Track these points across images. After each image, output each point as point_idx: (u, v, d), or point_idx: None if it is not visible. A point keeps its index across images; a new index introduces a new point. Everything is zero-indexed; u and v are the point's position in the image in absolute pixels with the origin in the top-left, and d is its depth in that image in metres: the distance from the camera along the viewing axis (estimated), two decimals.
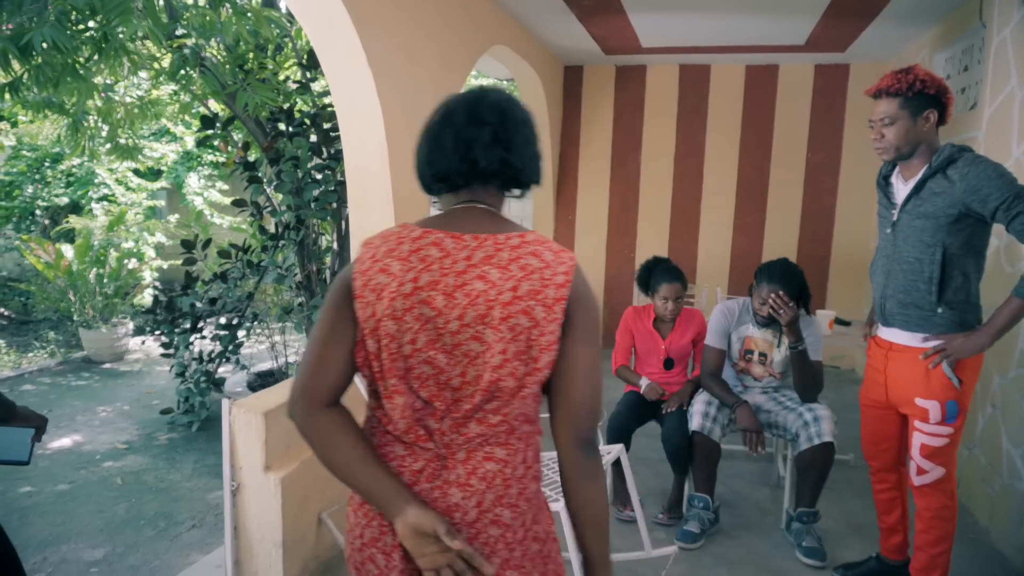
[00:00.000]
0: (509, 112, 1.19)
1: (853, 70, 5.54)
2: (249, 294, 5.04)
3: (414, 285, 1.11)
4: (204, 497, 3.69)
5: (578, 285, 1.13)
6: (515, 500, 1.15)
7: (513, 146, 1.18)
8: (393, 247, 1.15)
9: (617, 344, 3.36)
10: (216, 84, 4.21)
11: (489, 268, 1.11)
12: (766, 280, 2.88)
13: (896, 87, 2.07)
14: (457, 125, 1.19)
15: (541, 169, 1.25)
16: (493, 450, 1.15)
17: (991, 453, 3.05)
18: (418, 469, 1.15)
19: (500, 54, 4.66)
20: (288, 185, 4.38)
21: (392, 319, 1.11)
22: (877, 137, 2.15)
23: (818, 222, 5.79)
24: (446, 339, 1.11)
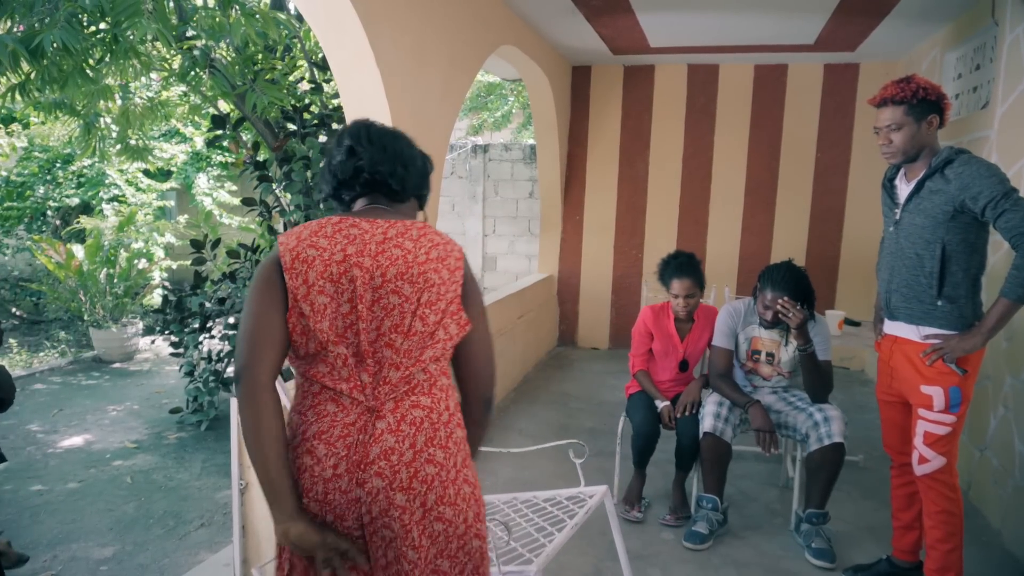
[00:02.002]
0: (365, 131, 1.47)
1: (863, 70, 5.51)
2: None
3: (344, 254, 1.33)
4: (213, 496, 3.70)
5: (468, 266, 1.44)
6: (444, 442, 1.36)
7: (365, 156, 1.43)
8: (316, 230, 1.36)
9: (634, 346, 3.30)
10: (226, 85, 4.23)
11: (403, 240, 1.37)
12: (769, 286, 2.86)
13: (901, 95, 2.19)
14: (328, 154, 1.50)
15: (411, 175, 1.50)
16: (419, 399, 1.35)
17: (1003, 455, 3.03)
18: (350, 422, 1.32)
19: (508, 54, 4.66)
20: (298, 185, 4.39)
21: (329, 281, 1.32)
22: (885, 142, 2.27)
23: (827, 222, 5.76)
24: (369, 295, 1.33)
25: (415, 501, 1.30)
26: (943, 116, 2.22)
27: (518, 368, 5.26)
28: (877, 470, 3.67)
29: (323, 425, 1.32)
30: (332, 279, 1.32)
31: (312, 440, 1.32)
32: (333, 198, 1.50)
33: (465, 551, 1.38)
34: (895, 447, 2.55)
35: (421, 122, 3.29)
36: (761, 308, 2.93)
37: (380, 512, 1.30)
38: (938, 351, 2.21)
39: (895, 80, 2.22)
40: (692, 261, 3.17)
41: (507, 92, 10.77)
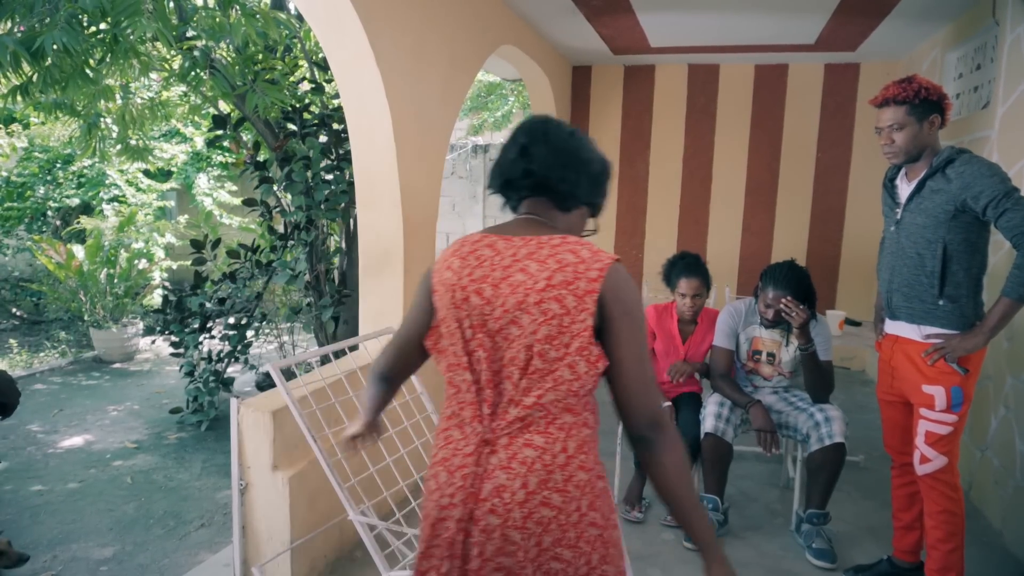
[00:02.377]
0: (541, 132, 1.38)
1: (863, 69, 5.51)
2: (258, 294, 5.06)
3: (469, 279, 1.30)
4: (213, 496, 3.70)
5: (613, 283, 1.24)
6: (562, 485, 1.25)
7: (536, 158, 1.35)
8: (457, 248, 1.35)
9: None
10: (226, 85, 4.23)
11: (529, 262, 1.27)
12: (771, 284, 2.87)
13: (903, 95, 2.19)
14: (502, 149, 1.42)
15: (582, 183, 1.38)
16: (532, 437, 1.26)
17: (1004, 455, 3.02)
18: (469, 452, 1.29)
19: (508, 54, 4.65)
20: (299, 186, 4.38)
21: (453, 307, 1.31)
22: (887, 142, 2.27)
23: (828, 222, 5.75)
24: (491, 324, 1.28)
25: (530, 540, 1.24)
26: (944, 116, 2.22)
27: None
28: (877, 470, 3.67)
29: (447, 452, 1.32)
30: (455, 304, 1.31)
31: (437, 466, 1.33)
32: (500, 194, 1.44)
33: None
34: (896, 447, 2.55)
35: (421, 122, 3.28)
36: (763, 307, 2.93)
37: (495, 551, 1.25)
38: (939, 351, 2.21)
39: (896, 80, 2.23)
40: (699, 261, 3.18)
41: (507, 92, 10.76)
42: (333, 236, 5.18)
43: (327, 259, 4.80)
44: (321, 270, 4.70)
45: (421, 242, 3.37)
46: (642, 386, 1.26)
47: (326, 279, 4.74)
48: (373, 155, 3.09)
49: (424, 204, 3.39)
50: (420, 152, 3.29)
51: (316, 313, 4.63)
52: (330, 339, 4.66)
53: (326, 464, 1.99)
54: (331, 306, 4.46)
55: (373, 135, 3.05)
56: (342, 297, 4.59)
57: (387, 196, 3.13)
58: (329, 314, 4.44)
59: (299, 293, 5.44)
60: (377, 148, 3.07)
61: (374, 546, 1.94)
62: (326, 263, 4.79)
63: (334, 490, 2.54)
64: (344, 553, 2.76)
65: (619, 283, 1.25)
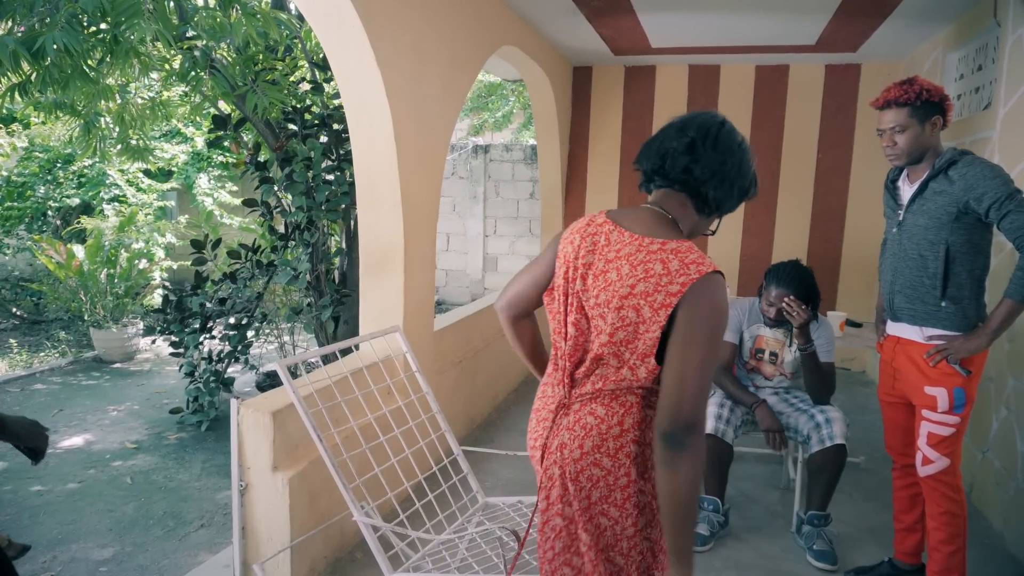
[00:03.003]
0: (713, 134, 1.40)
1: (864, 70, 5.50)
2: (258, 294, 5.06)
3: (581, 262, 1.40)
4: (213, 497, 3.70)
5: (692, 298, 1.27)
6: (613, 452, 1.37)
7: (702, 160, 1.39)
8: (584, 225, 1.45)
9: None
10: (226, 86, 4.22)
11: (623, 263, 1.35)
12: (775, 283, 2.87)
13: (905, 97, 2.19)
14: (667, 132, 1.44)
15: (733, 195, 1.43)
16: (596, 408, 1.39)
17: (1005, 457, 3.02)
18: (551, 409, 1.47)
19: (509, 54, 4.65)
20: (300, 186, 4.38)
21: (564, 281, 1.43)
22: (889, 144, 2.26)
23: (829, 223, 5.75)
24: (587, 310, 1.40)
25: (581, 492, 1.38)
26: (946, 117, 2.22)
27: (519, 368, 5.25)
28: (878, 471, 3.66)
29: (539, 404, 1.53)
30: (567, 279, 1.43)
31: (532, 412, 1.56)
32: (645, 176, 1.48)
33: (639, 551, 1.40)
34: (897, 449, 2.54)
35: (422, 122, 3.28)
36: (765, 305, 2.93)
37: (557, 498, 1.41)
38: (942, 352, 2.21)
39: (897, 82, 2.22)
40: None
41: (508, 92, 10.77)
42: (334, 236, 5.18)
43: (328, 259, 4.80)
44: (322, 270, 4.70)
45: (421, 242, 3.37)
46: (689, 392, 1.26)
47: (326, 279, 4.74)
48: (373, 155, 3.09)
49: (424, 204, 3.39)
50: (420, 152, 3.29)
51: (316, 313, 4.63)
52: (330, 339, 4.66)
53: (331, 464, 1.99)
54: (331, 306, 4.46)
55: (373, 135, 3.05)
56: (342, 297, 4.59)
57: (387, 196, 3.12)
58: (329, 314, 4.44)
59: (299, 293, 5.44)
60: (377, 148, 3.06)
61: (378, 548, 1.94)
62: (327, 263, 4.79)
63: (335, 491, 2.55)
64: (344, 554, 2.75)
65: (697, 298, 1.27)
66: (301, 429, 2.49)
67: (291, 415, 2.45)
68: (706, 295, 1.27)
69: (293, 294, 6.06)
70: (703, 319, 1.27)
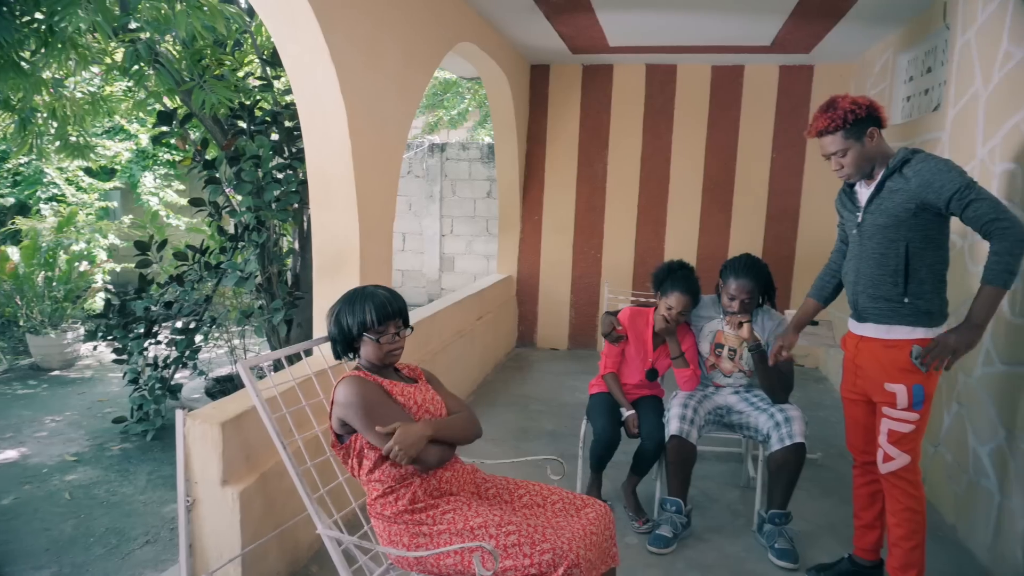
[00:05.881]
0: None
1: (817, 71, 5.60)
2: (207, 297, 4.88)
3: None
4: (159, 511, 3.53)
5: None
6: None
7: None
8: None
9: (607, 346, 3.19)
10: (171, 81, 4.05)
11: None
12: (733, 275, 2.90)
13: (834, 124, 2.22)
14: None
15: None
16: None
17: (957, 451, 3.08)
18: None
19: (466, 52, 4.58)
20: (248, 185, 4.23)
21: None
22: (837, 168, 2.31)
23: (783, 222, 5.83)
24: None
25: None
26: (882, 123, 2.24)
27: (477, 370, 5.18)
28: (835, 467, 3.71)
29: None
30: None
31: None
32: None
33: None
34: (858, 446, 2.55)
35: (378, 119, 3.19)
36: (726, 300, 2.93)
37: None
38: (935, 353, 2.15)
39: (821, 110, 2.26)
40: (694, 276, 3.06)
41: (463, 90, 10.69)
42: (286, 237, 5.03)
43: (279, 260, 4.66)
44: (273, 272, 4.55)
45: (377, 242, 3.27)
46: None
47: (278, 281, 4.60)
48: (327, 153, 2.98)
49: (380, 203, 3.30)
50: (376, 150, 3.19)
51: (268, 316, 4.48)
52: (283, 343, 4.52)
53: (295, 473, 1.89)
54: (283, 309, 4.32)
55: (327, 132, 2.94)
56: (295, 299, 4.45)
57: (342, 195, 3.02)
58: (281, 317, 4.30)
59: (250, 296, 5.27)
60: (332, 146, 2.96)
61: (341, 562, 1.85)
62: (278, 265, 4.64)
63: (289, 503, 2.44)
64: (300, 568, 2.64)
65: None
66: (253, 439, 2.38)
67: (242, 424, 2.33)
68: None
69: (244, 296, 5.88)
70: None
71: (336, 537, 1.84)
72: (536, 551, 1.73)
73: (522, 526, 1.80)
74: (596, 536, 1.89)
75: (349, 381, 1.87)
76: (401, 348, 2.02)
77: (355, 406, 1.83)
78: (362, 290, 2.01)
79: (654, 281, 3.11)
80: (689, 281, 2.99)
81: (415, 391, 2.01)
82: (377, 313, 1.94)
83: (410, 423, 1.87)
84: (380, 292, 2.00)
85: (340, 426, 1.91)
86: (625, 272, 6.11)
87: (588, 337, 6.29)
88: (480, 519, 1.83)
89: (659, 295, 3.05)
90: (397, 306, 1.99)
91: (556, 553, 1.72)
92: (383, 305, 1.96)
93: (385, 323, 1.96)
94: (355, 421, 1.85)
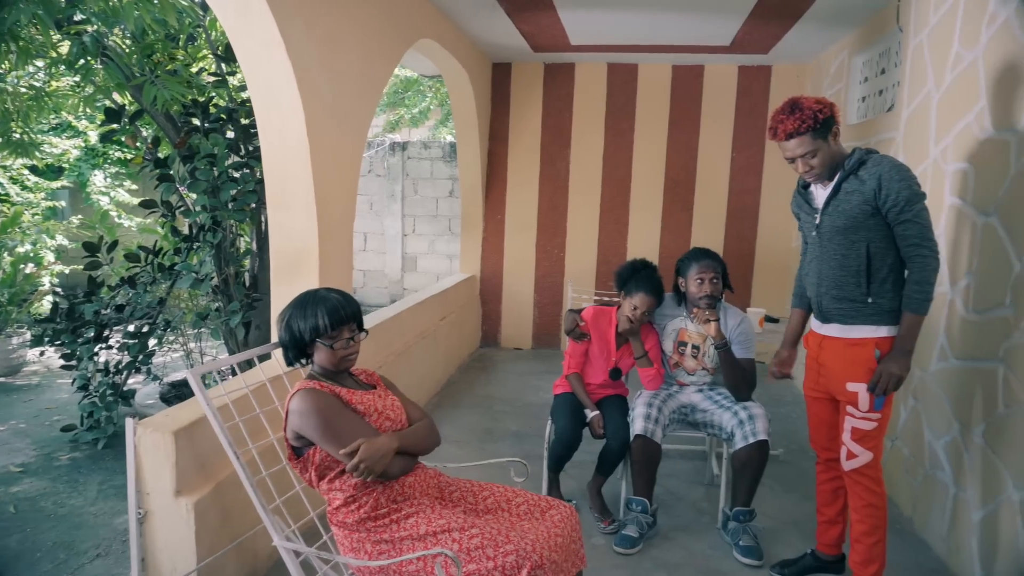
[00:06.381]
0: None
1: (775, 71, 5.68)
2: (161, 300, 4.72)
3: None
4: (111, 522, 3.40)
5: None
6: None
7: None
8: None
9: (571, 346, 3.17)
10: (120, 76, 3.91)
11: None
12: (694, 261, 2.98)
13: (804, 126, 2.20)
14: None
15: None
16: None
17: (913, 445, 3.14)
18: None
19: (427, 49, 4.52)
20: (203, 184, 4.10)
21: None
22: (806, 169, 2.29)
23: (743, 220, 5.91)
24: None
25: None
26: (838, 121, 2.26)
27: (441, 371, 5.13)
28: (796, 463, 3.76)
29: None
30: None
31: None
32: None
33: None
34: (821, 443, 2.58)
35: (336, 117, 3.11)
36: (694, 287, 2.94)
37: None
38: (882, 385, 2.22)
39: (785, 112, 2.23)
40: (658, 275, 3.06)
41: (425, 88, 10.59)
42: (243, 237, 4.90)
43: (236, 262, 4.53)
44: (230, 273, 4.43)
45: (337, 243, 3.20)
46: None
47: (236, 283, 4.48)
48: (284, 151, 2.90)
49: (340, 203, 3.22)
50: (335, 148, 3.12)
51: (225, 319, 4.36)
52: (241, 346, 4.40)
53: (249, 484, 1.82)
54: (241, 311, 4.21)
55: (284, 130, 2.86)
56: (253, 301, 4.34)
57: (300, 195, 2.94)
58: (238, 319, 4.18)
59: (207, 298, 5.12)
60: (289, 144, 2.88)
61: (300, 574, 1.79)
62: (235, 266, 4.52)
63: (247, 513, 2.36)
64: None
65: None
66: (207, 447, 2.30)
67: (196, 432, 2.25)
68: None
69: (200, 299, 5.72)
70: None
71: (294, 548, 1.78)
72: (500, 553, 1.71)
73: (485, 529, 1.77)
74: (561, 538, 1.87)
75: (303, 395, 1.81)
76: (356, 353, 1.96)
77: (312, 421, 1.77)
78: (313, 294, 1.94)
79: (617, 280, 3.09)
80: (653, 281, 2.99)
81: (373, 398, 1.96)
82: (330, 318, 1.87)
83: (374, 436, 1.82)
84: (332, 296, 1.93)
85: (296, 439, 1.84)
86: (588, 271, 6.12)
87: (552, 336, 6.29)
88: (443, 522, 1.79)
89: (623, 295, 3.04)
90: (351, 310, 1.93)
91: (520, 555, 1.70)
92: (336, 309, 1.89)
93: (339, 328, 1.89)
94: (313, 436, 1.79)
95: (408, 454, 1.91)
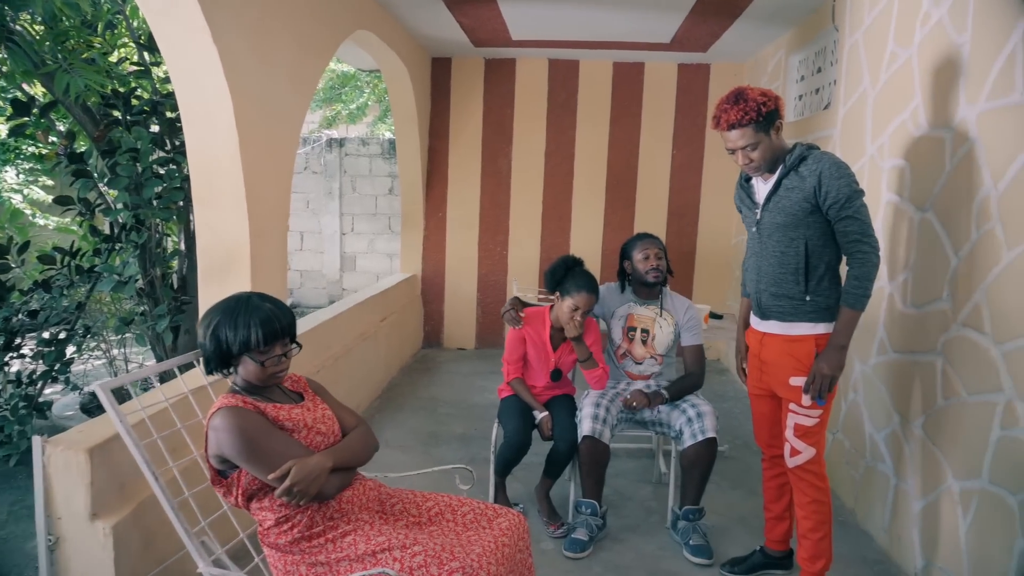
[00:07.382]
0: None
1: (713, 70, 5.74)
2: (79, 304, 4.42)
3: None
4: (23, 547, 3.14)
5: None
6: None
7: None
8: None
9: (508, 351, 3.06)
10: (27, 63, 3.62)
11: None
12: (638, 241, 3.03)
13: (748, 117, 2.16)
14: None
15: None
16: None
17: (854, 437, 3.19)
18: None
19: (365, 41, 4.37)
20: (125, 181, 3.84)
21: None
22: (746, 162, 2.25)
23: (684, 218, 5.95)
24: None
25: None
26: (782, 115, 2.24)
27: (382, 373, 4.98)
28: (742, 459, 3.79)
29: None
30: None
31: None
32: None
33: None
34: (766, 440, 2.58)
35: (268, 110, 2.95)
36: (641, 264, 2.97)
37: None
38: (816, 386, 2.22)
39: (730, 101, 2.19)
40: (589, 271, 2.99)
41: (362, 83, 10.36)
42: (171, 237, 4.64)
43: (163, 263, 4.29)
44: (156, 275, 4.18)
45: (270, 242, 3.04)
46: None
47: (162, 285, 4.23)
48: (212, 146, 2.73)
49: (273, 200, 3.06)
50: (267, 143, 2.96)
51: (151, 323, 4.11)
52: (169, 352, 4.15)
53: (169, 507, 1.67)
54: (168, 315, 3.97)
55: (211, 123, 2.69)
56: (182, 304, 4.10)
57: (228, 191, 2.77)
58: (166, 324, 3.95)
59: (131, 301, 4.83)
60: (216, 138, 2.71)
61: None
62: (162, 267, 4.27)
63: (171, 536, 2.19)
64: None
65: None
66: (127, 465, 2.12)
67: (113, 449, 2.07)
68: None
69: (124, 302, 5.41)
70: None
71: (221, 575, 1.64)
72: (444, 571, 1.61)
73: (428, 545, 1.67)
74: (509, 548, 1.78)
75: (224, 414, 1.62)
76: (286, 369, 1.78)
77: (235, 443, 1.59)
78: (246, 301, 1.73)
79: (550, 280, 2.97)
80: (589, 277, 2.92)
81: (302, 412, 1.79)
82: (263, 330, 1.68)
83: (305, 457, 1.66)
84: (266, 306, 1.73)
85: (220, 462, 1.67)
86: (532, 269, 6.06)
87: (496, 336, 6.21)
88: (383, 540, 1.68)
89: (558, 295, 2.93)
90: (285, 322, 1.74)
91: (465, 572, 1.61)
92: (269, 320, 1.70)
93: (271, 343, 1.71)
94: (237, 459, 1.62)
95: (345, 468, 1.78)
